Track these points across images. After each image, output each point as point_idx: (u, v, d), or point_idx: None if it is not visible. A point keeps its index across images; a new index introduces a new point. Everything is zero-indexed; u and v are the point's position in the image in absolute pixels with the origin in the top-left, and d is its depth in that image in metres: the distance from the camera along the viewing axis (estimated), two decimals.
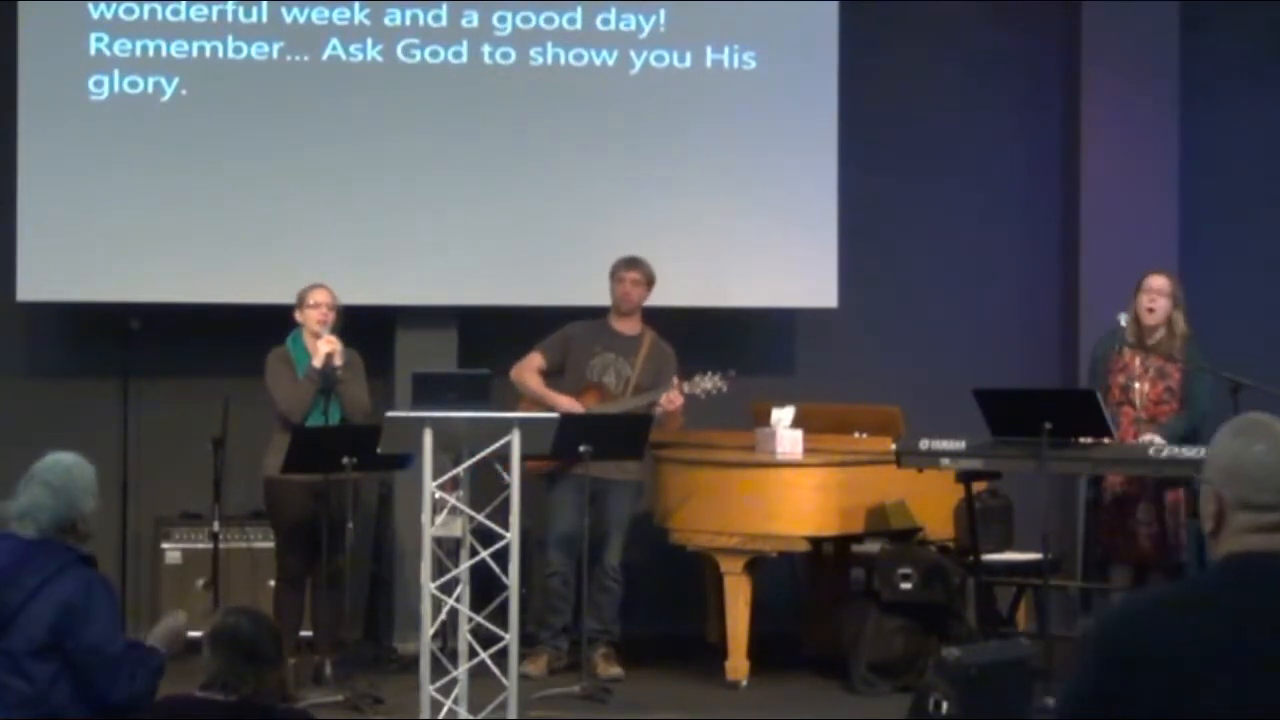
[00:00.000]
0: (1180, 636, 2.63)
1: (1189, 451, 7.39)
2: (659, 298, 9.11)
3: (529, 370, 8.56)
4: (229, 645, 4.36)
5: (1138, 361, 8.05)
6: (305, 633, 8.34)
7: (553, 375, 8.60)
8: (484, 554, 6.99)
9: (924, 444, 7.83)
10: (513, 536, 6.96)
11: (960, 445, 7.76)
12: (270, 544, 8.53)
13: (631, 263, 8.62)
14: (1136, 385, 8.04)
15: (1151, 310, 8.01)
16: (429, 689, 6.91)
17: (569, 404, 8.32)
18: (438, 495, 6.98)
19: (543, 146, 9.28)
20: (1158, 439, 7.68)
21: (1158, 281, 8.08)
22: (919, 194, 9.96)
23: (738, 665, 8.18)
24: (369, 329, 8.82)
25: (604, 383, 8.55)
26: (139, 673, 4.70)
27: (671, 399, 8.33)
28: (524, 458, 7.06)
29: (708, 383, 8.37)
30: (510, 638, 6.94)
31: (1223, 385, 7.85)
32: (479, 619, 7.11)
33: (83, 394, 9.19)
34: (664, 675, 8.52)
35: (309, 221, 9.09)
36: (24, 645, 4.62)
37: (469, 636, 7.06)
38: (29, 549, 4.72)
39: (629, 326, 8.65)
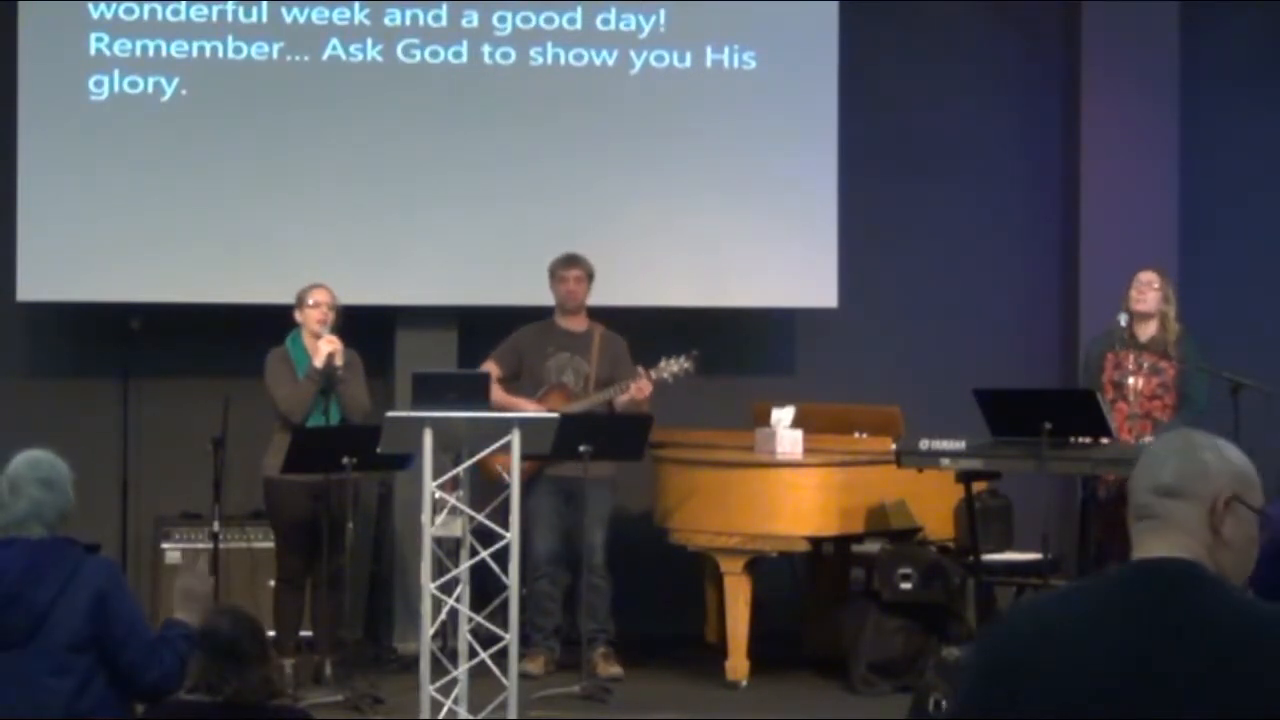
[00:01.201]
0: (1067, 650, 2.58)
1: None
2: (659, 298, 9.14)
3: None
4: (209, 646, 4.37)
5: (1131, 358, 8.06)
6: (305, 633, 8.34)
7: (508, 382, 8.55)
8: (484, 554, 6.99)
9: (924, 444, 7.83)
10: (513, 536, 6.96)
11: (960, 445, 7.76)
12: (270, 544, 8.52)
13: (571, 260, 8.61)
14: (1130, 381, 8.06)
15: (1141, 299, 8.05)
16: (429, 689, 6.91)
17: (535, 408, 8.23)
18: (438, 495, 6.98)
19: (543, 146, 9.28)
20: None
21: (1146, 275, 8.18)
22: (919, 194, 9.96)
23: (738, 665, 8.18)
24: (369, 329, 8.82)
25: (564, 382, 8.53)
26: (168, 652, 4.72)
27: (641, 387, 8.32)
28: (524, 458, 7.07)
29: (674, 366, 8.35)
30: (510, 638, 6.94)
31: (1221, 385, 7.86)
32: (479, 619, 7.11)
33: (83, 394, 9.19)
34: (664, 675, 8.52)
35: (309, 221, 9.09)
36: (66, 639, 4.63)
37: (469, 636, 7.06)
38: (41, 548, 4.73)
39: (577, 324, 8.64)
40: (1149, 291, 8.09)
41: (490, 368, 8.49)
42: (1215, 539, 2.65)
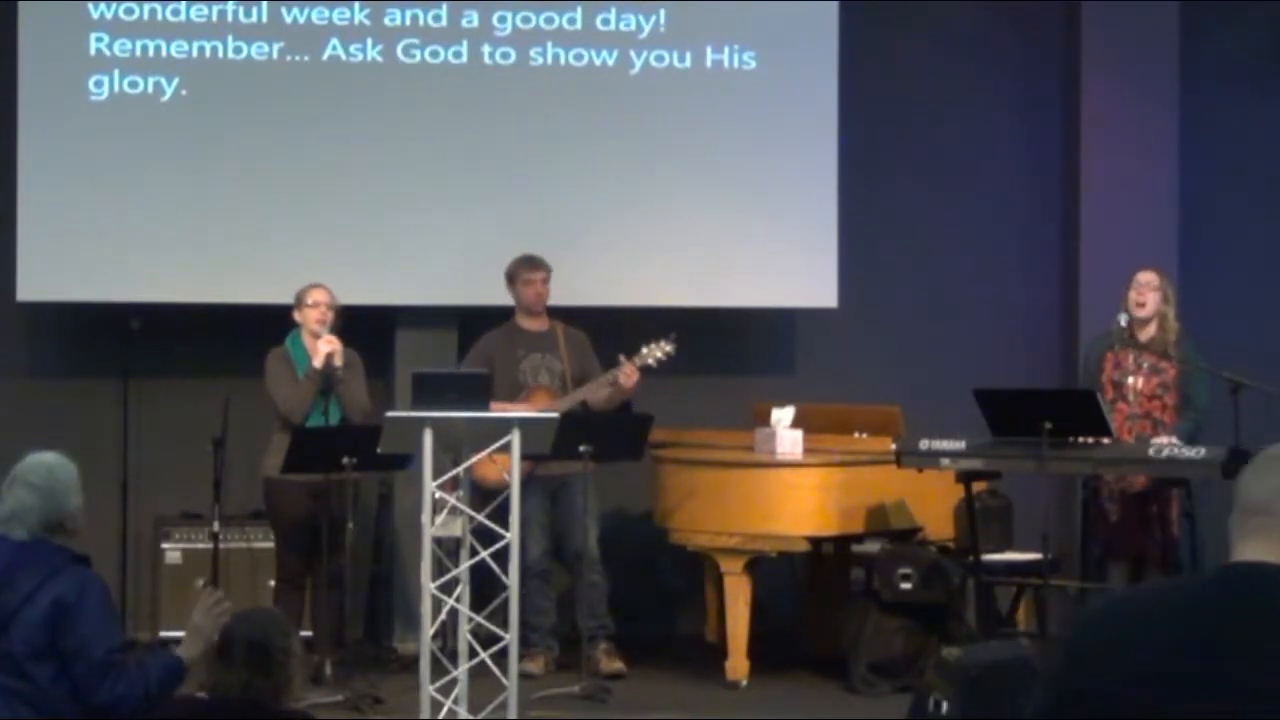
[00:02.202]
0: (1149, 648, 2.58)
1: (1188, 451, 7.40)
2: (659, 298, 9.13)
3: None
4: (220, 639, 4.40)
5: (1131, 358, 8.05)
6: (305, 633, 8.33)
7: None
8: (484, 554, 6.99)
9: (924, 444, 7.83)
10: (513, 536, 6.96)
11: (960, 445, 7.76)
12: (270, 544, 8.53)
13: (535, 263, 8.61)
14: (1130, 381, 8.04)
15: (1141, 305, 8.03)
16: (429, 689, 6.92)
17: (527, 409, 8.21)
18: (438, 495, 6.98)
19: (543, 146, 9.28)
20: (1173, 439, 7.66)
21: (1145, 276, 8.11)
22: (919, 194, 9.96)
23: (738, 665, 8.18)
24: (369, 329, 8.82)
25: (542, 383, 8.53)
26: (125, 677, 4.64)
27: (629, 375, 8.32)
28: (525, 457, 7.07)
29: (657, 351, 8.34)
30: (510, 637, 6.94)
31: (1221, 385, 7.86)
32: (479, 619, 7.11)
33: (83, 394, 9.18)
34: (664, 675, 8.52)
35: (309, 221, 9.09)
36: (24, 648, 4.61)
37: (469, 636, 7.06)
38: (21, 551, 4.70)
39: (540, 324, 8.65)
40: (1149, 293, 8.05)
41: None
42: None
